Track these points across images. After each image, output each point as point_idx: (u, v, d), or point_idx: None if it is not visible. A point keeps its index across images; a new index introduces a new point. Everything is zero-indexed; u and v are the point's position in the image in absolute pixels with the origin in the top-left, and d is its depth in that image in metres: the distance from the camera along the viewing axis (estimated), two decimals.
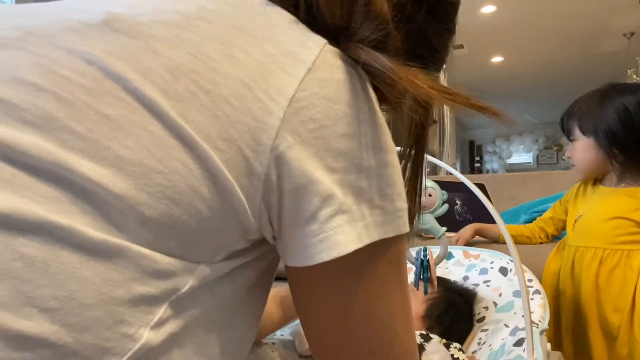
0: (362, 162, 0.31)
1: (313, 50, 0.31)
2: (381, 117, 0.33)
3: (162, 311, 0.28)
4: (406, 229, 0.34)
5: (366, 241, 0.31)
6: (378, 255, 0.33)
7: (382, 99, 0.34)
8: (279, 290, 0.75)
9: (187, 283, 0.29)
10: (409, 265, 1.11)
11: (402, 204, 0.34)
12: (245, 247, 0.32)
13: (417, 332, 0.85)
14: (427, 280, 0.85)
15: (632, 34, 4.84)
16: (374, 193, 0.32)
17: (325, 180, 0.30)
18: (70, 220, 0.25)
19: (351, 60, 0.32)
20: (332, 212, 0.30)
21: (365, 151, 0.32)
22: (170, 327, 0.28)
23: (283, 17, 0.33)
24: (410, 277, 0.94)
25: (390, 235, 0.33)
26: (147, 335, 0.27)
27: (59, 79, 0.27)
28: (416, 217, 0.45)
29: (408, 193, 0.42)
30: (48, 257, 0.25)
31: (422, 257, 0.84)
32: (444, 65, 0.50)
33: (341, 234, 0.30)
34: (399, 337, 0.36)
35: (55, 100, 0.27)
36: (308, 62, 0.30)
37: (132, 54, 0.28)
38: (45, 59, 0.28)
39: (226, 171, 0.28)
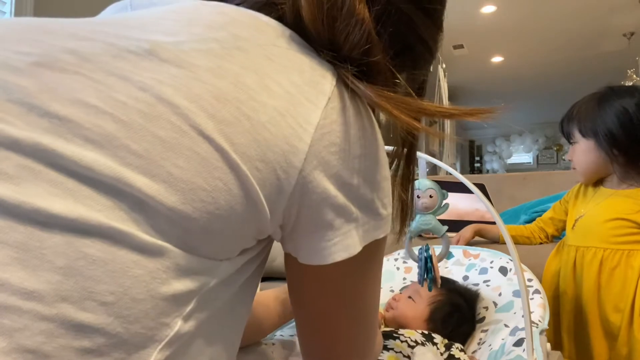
0: (371, 178, 0.37)
1: (329, 80, 0.35)
2: (379, 132, 0.38)
3: (192, 304, 0.31)
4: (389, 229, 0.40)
5: (367, 242, 0.37)
6: (371, 251, 0.39)
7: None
8: (278, 290, 0.76)
9: (214, 279, 0.33)
10: (412, 263, 1.11)
11: (390, 209, 0.40)
12: (253, 246, 0.36)
13: (419, 332, 0.85)
14: (432, 278, 0.84)
15: (632, 34, 4.84)
16: (376, 203, 0.38)
17: (341, 194, 0.35)
18: (126, 226, 0.28)
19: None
20: (345, 220, 0.36)
21: (373, 168, 0.37)
22: (197, 317, 0.32)
23: (297, 42, 0.37)
24: (413, 276, 0.92)
25: (382, 236, 0.39)
26: (180, 324, 0.31)
27: (117, 103, 0.30)
28: (409, 214, 0.50)
29: (401, 191, 0.48)
30: (107, 257, 0.28)
31: (424, 255, 0.83)
32: (444, 66, 0.51)
33: (350, 237, 0.36)
34: (372, 312, 0.45)
35: (114, 121, 0.29)
36: (327, 92, 0.35)
37: (181, 82, 0.31)
38: (102, 85, 0.30)
39: (259, 190, 0.32)
